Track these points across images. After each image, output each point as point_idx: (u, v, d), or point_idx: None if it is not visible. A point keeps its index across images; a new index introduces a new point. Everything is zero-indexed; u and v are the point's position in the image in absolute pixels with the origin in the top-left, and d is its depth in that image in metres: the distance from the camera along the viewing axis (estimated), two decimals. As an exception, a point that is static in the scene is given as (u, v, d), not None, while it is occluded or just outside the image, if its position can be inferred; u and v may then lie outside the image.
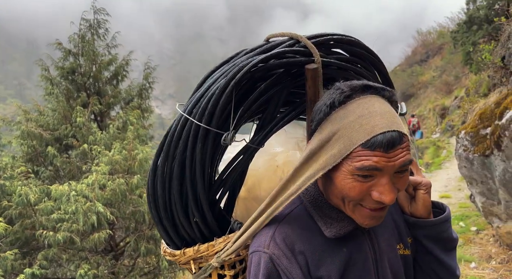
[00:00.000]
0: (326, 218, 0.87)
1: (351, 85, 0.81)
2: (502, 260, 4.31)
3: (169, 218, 1.02)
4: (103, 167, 4.73)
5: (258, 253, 0.86)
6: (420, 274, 1.00)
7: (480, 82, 9.71)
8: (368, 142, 0.74)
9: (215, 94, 0.91)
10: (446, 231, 0.95)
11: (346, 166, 0.77)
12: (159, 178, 0.99)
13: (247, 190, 1.15)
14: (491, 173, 4.27)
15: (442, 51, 21.65)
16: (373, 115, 0.76)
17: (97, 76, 6.12)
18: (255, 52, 0.96)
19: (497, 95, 4.41)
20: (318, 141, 0.81)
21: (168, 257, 1.09)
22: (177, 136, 0.95)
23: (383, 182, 0.76)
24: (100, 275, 4.36)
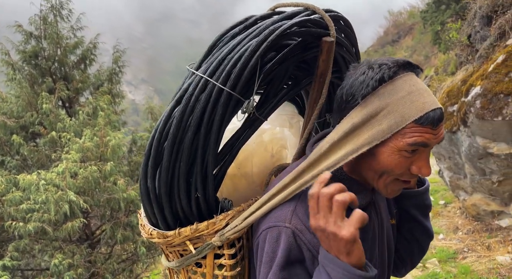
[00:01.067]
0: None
1: (396, 61, 0.81)
2: (468, 230, 4.55)
3: (167, 194, 0.93)
4: (74, 155, 4.58)
5: (277, 228, 0.84)
6: (400, 240, 1.08)
7: (448, 61, 9.97)
8: (421, 118, 0.75)
9: (244, 56, 0.83)
10: (428, 198, 1.04)
11: (395, 142, 0.77)
12: (167, 149, 0.88)
13: (237, 166, 1.10)
14: (457, 148, 4.44)
15: (413, 31, 22.02)
16: (421, 92, 0.77)
17: (62, 60, 5.84)
18: (278, 17, 0.90)
19: (463, 73, 4.54)
20: (363, 116, 0.79)
21: (156, 239, 0.99)
22: (194, 100, 0.85)
23: (424, 157, 0.79)
24: (76, 264, 4.29)
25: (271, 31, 0.85)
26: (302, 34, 0.92)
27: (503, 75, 3.52)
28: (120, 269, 5.64)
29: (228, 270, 0.99)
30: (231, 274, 0.99)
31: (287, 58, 0.93)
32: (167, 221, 0.97)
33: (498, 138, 3.67)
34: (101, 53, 7.03)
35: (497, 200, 4.29)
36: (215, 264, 0.99)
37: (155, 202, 0.95)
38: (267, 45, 0.84)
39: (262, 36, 0.84)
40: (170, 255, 1.06)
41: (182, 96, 0.87)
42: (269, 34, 0.84)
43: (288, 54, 0.93)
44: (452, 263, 4.05)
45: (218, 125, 0.86)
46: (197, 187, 0.91)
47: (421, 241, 1.06)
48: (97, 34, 6.72)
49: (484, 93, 3.62)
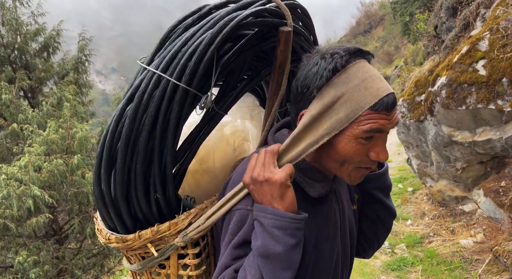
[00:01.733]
0: (308, 180, 0.88)
1: (346, 48, 0.80)
2: (434, 216, 4.73)
3: (123, 196, 0.88)
4: (38, 148, 4.39)
5: (240, 211, 0.83)
6: (365, 222, 1.10)
7: (417, 52, 10.23)
8: (376, 104, 0.76)
9: (198, 49, 0.79)
10: (388, 178, 1.06)
11: (351, 130, 0.78)
12: (121, 150, 0.83)
13: (199, 162, 1.07)
14: (425, 137, 4.58)
15: (384, 22, 22.42)
16: (374, 78, 0.78)
17: (23, 48, 5.55)
18: (233, 7, 0.85)
19: (430, 63, 4.66)
20: (320, 107, 0.79)
21: (115, 244, 0.94)
22: (147, 97, 0.80)
23: (381, 143, 0.80)
24: (42, 261, 4.14)
25: (226, 22, 0.81)
26: (259, 25, 0.88)
27: (467, 65, 3.62)
28: (91, 264, 5.52)
29: (193, 269, 0.97)
30: (196, 273, 0.97)
31: (244, 49, 0.90)
32: (125, 224, 0.92)
33: (462, 127, 3.81)
34: (66, 41, 6.72)
35: (460, 186, 4.47)
36: (179, 264, 0.96)
37: (111, 206, 0.90)
38: (222, 37, 0.80)
39: (216, 28, 0.80)
40: (132, 258, 1.01)
41: (133, 94, 0.82)
42: (224, 26, 0.80)
43: (245, 45, 0.90)
44: (419, 247, 4.20)
45: (175, 123, 0.82)
46: (156, 188, 0.87)
47: (385, 220, 1.09)
48: (61, 21, 6.41)
49: (449, 83, 3.72)
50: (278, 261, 0.75)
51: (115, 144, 0.84)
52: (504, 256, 3.11)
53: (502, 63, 3.32)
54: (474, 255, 3.66)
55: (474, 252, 3.69)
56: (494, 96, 3.36)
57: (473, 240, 3.87)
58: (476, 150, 3.79)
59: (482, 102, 3.43)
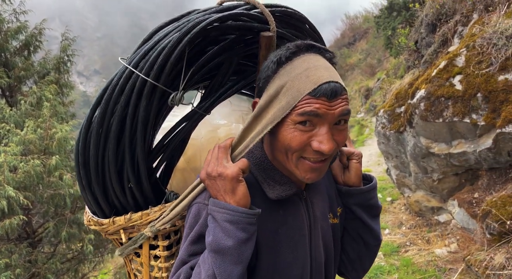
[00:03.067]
0: (269, 181, 0.89)
1: (297, 43, 0.83)
2: (411, 225, 4.83)
3: (99, 183, 0.92)
4: (14, 147, 4.26)
5: (198, 205, 0.86)
6: (347, 239, 1.08)
7: (398, 65, 10.51)
8: (315, 91, 0.77)
9: (166, 48, 0.83)
10: (373, 198, 1.03)
11: (290, 117, 0.79)
12: (94, 135, 0.87)
13: (186, 161, 1.10)
14: (404, 148, 4.69)
15: (368, 35, 22.95)
16: (318, 67, 0.79)
17: (3, 46, 5.40)
18: (211, 10, 0.89)
19: (410, 77, 4.80)
20: (267, 98, 0.82)
21: (93, 226, 1.01)
22: (118, 90, 0.85)
23: (323, 132, 0.79)
24: (14, 264, 4.00)
25: (195, 23, 0.85)
26: (239, 28, 0.91)
27: (444, 79, 3.76)
28: (65, 269, 5.36)
29: (162, 261, 1.00)
30: (166, 265, 1.00)
31: (224, 52, 0.94)
32: (102, 209, 0.98)
33: (439, 139, 3.93)
34: (48, 40, 6.60)
35: (437, 197, 4.60)
36: (150, 254, 1.00)
37: (88, 190, 0.94)
38: (190, 37, 0.84)
39: (185, 29, 0.84)
40: (115, 244, 1.07)
41: (108, 86, 0.87)
42: (192, 27, 0.84)
43: (225, 48, 0.93)
44: (396, 256, 4.28)
45: (143, 115, 0.86)
46: (129, 178, 0.91)
47: (367, 241, 1.05)
48: (43, 19, 6.29)
49: (427, 96, 3.85)
50: (229, 255, 0.75)
51: (91, 131, 0.89)
52: (476, 266, 3.21)
53: (477, 79, 3.46)
54: (448, 264, 3.76)
55: (448, 262, 3.79)
56: (469, 110, 3.49)
57: (447, 250, 3.97)
58: (452, 162, 3.91)
59: (458, 116, 3.56)
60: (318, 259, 0.95)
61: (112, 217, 0.96)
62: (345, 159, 1.02)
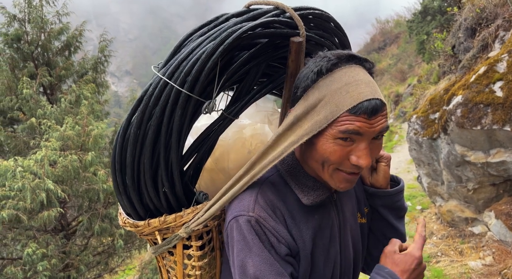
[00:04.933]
0: (303, 187, 0.90)
1: (338, 53, 0.83)
2: (442, 236, 4.68)
3: (135, 188, 0.96)
4: (54, 143, 4.46)
5: (243, 217, 0.86)
6: (372, 239, 1.09)
7: (431, 71, 10.24)
8: (355, 108, 0.77)
9: (201, 59, 0.84)
10: (400, 200, 1.04)
11: (330, 131, 0.79)
12: (130, 144, 0.91)
13: (214, 161, 1.13)
14: (437, 155, 4.57)
15: (399, 40, 22.49)
16: (359, 83, 0.78)
17: (46, 46, 5.68)
18: (243, 18, 0.90)
19: (446, 82, 4.67)
20: (304, 108, 0.82)
21: (129, 228, 1.04)
22: (154, 100, 0.87)
23: (362, 147, 0.79)
24: (50, 255, 4.18)
25: (229, 34, 0.85)
26: (268, 35, 0.92)
27: (483, 86, 3.64)
28: (95, 261, 5.54)
29: (196, 260, 1.04)
30: (199, 264, 1.03)
31: (254, 58, 0.95)
32: (137, 212, 1.01)
33: (475, 147, 3.80)
34: (86, 41, 6.88)
35: (471, 207, 4.44)
36: (184, 254, 1.03)
37: (124, 194, 0.98)
38: (224, 48, 0.84)
39: (218, 40, 0.85)
40: (149, 243, 1.11)
41: (143, 96, 0.90)
42: (226, 37, 0.85)
43: (256, 54, 0.94)
44: (426, 266, 4.16)
45: (178, 124, 0.88)
46: (163, 183, 0.94)
47: None
48: (83, 21, 6.57)
49: (465, 103, 3.73)
50: None
51: (127, 138, 0.92)
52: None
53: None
54: (482, 277, 3.61)
55: (483, 275, 3.65)
56: (510, 118, 3.36)
57: (482, 263, 3.82)
58: (489, 171, 3.77)
59: (498, 123, 3.43)
60: (347, 259, 0.97)
61: (147, 220, 0.99)
62: (373, 161, 1.02)
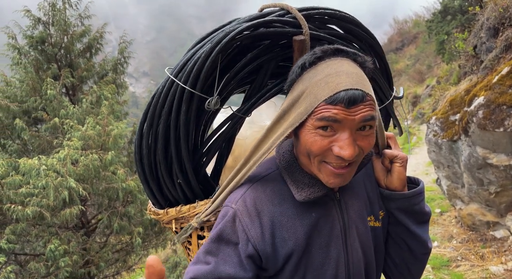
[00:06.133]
0: (298, 183, 0.89)
1: (324, 48, 0.83)
2: (463, 240, 4.59)
3: (154, 178, 1.03)
4: (76, 142, 4.59)
5: (226, 207, 0.90)
6: (392, 246, 1.04)
7: (451, 72, 10.04)
8: (331, 98, 0.76)
9: (200, 58, 0.91)
10: (418, 204, 0.97)
11: (310, 121, 0.79)
12: (145, 138, 0.99)
13: (234, 160, 1.17)
14: (457, 157, 4.48)
15: (417, 40, 22.12)
16: (339, 74, 0.78)
17: (69, 48, 5.85)
18: (244, 19, 0.95)
19: (467, 83, 4.58)
20: (289, 101, 0.84)
21: (152, 215, 1.12)
22: (163, 97, 0.96)
23: (343, 137, 0.78)
24: (71, 251, 4.30)
25: (225, 34, 0.91)
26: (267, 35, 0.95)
27: (507, 86, 3.55)
28: (114, 259, 5.66)
29: None
30: None
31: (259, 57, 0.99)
32: (158, 201, 1.09)
33: (498, 149, 3.71)
34: (106, 42, 7.04)
35: (493, 211, 4.33)
36: (199, 244, 1.08)
37: (145, 183, 1.06)
38: (221, 47, 0.90)
39: (216, 40, 0.91)
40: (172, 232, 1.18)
41: (155, 93, 0.98)
42: (222, 37, 0.90)
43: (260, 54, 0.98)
44: (445, 270, 4.09)
45: (185, 119, 0.95)
46: (177, 175, 1.00)
47: (413, 249, 1.00)
48: (104, 24, 6.73)
49: (487, 104, 3.65)
50: None
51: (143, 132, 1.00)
52: (538, 286, 2.99)
53: (545, 86, 3.24)
54: (505, 282, 3.53)
55: (505, 280, 3.56)
56: (534, 120, 3.27)
57: (504, 268, 3.73)
58: (512, 174, 3.68)
59: (522, 125, 3.35)
60: (355, 261, 0.93)
61: (166, 208, 1.07)
62: (387, 162, 0.98)
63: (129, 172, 5.49)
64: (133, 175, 5.33)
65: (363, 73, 0.82)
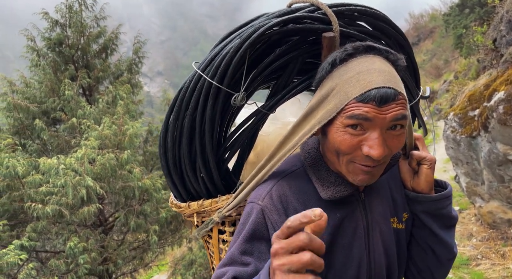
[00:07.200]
0: (324, 181, 0.88)
1: (355, 45, 0.81)
2: (483, 238, 4.48)
3: (177, 172, 1.04)
4: (93, 142, 4.67)
5: (252, 204, 0.89)
6: (416, 250, 1.02)
7: (469, 66, 9.80)
8: (362, 95, 0.75)
9: (229, 54, 0.91)
10: (446, 208, 0.95)
11: (340, 119, 0.78)
12: (170, 132, 1.00)
13: (256, 155, 1.17)
14: (476, 154, 4.37)
15: (434, 35, 21.67)
16: (371, 71, 0.77)
17: (85, 49, 5.95)
18: (274, 15, 0.94)
19: (486, 77, 4.46)
20: (318, 98, 0.83)
21: (174, 208, 1.13)
22: (190, 92, 0.96)
23: (373, 137, 0.76)
24: (90, 248, 4.38)
25: (255, 29, 0.90)
26: (296, 31, 0.93)
27: (529, 81, 3.45)
28: (131, 256, 5.75)
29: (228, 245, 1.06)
30: None
31: (287, 54, 0.97)
32: (181, 194, 1.10)
33: (519, 145, 3.61)
34: (122, 43, 7.14)
35: (514, 208, 4.22)
36: (219, 238, 1.08)
37: (169, 176, 1.07)
38: (250, 42, 0.89)
39: (245, 35, 0.90)
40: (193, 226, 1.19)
41: (182, 88, 0.98)
42: (252, 33, 0.90)
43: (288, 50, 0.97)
44: (465, 269, 4.00)
45: (211, 114, 0.95)
46: (200, 169, 1.01)
47: (438, 253, 0.98)
48: (119, 25, 6.82)
49: (507, 99, 3.55)
50: None
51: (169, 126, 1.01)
52: None
53: None
54: (527, 282, 3.44)
55: (527, 279, 3.47)
56: (558, 114, 3.17)
57: (526, 267, 3.63)
58: (535, 170, 3.57)
59: (545, 120, 3.24)
60: (377, 262, 0.93)
61: (188, 202, 1.07)
62: (414, 163, 0.96)
63: (145, 171, 5.57)
64: (149, 174, 5.40)
65: (395, 71, 0.81)
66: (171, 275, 7.03)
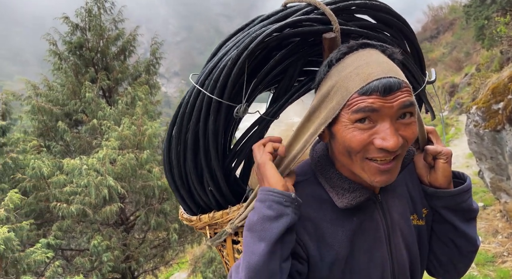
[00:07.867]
0: (338, 189, 0.86)
1: (349, 44, 0.81)
2: (509, 234, 4.36)
3: (185, 187, 1.02)
4: (113, 142, 4.78)
5: None
6: (437, 244, 1.00)
7: (492, 58, 9.51)
8: (363, 88, 0.73)
9: (227, 66, 0.87)
10: (466, 201, 0.92)
11: (345, 116, 0.76)
12: (174, 148, 0.97)
13: None
14: (501, 148, 4.25)
15: (454, 27, 21.12)
16: (370, 64, 0.75)
17: (104, 51, 6.09)
18: (270, 20, 0.91)
19: (511, 69, 4.32)
20: (319, 97, 0.81)
21: (185, 222, 1.11)
22: (190, 107, 0.93)
23: (384, 127, 0.74)
24: (113, 247, 4.49)
25: (252, 38, 0.86)
26: (295, 35, 0.90)
27: (556, 72, 3.32)
28: (152, 254, 5.85)
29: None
30: None
31: (287, 58, 0.94)
32: (190, 208, 1.08)
33: (547, 139, 3.48)
34: (139, 44, 7.26)
35: (542, 204, 4.08)
36: (234, 248, 1.07)
37: (177, 192, 1.06)
38: (248, 53, 0.85)
39: (243, 45, 0.86)
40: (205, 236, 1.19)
41: (181, 103, 0.96)
42: (249, 42, 0.85)
43: (287, 54, 0.93)
44: (490, 266, 3.90)
45: (213, 129, 0.92)
46: (208, 182, 0.99)
47: (459, 245, 0.96)
48: (137, 27, 6.93)
49: (534, 91, 3.43)
50: (253, 231, 0.77)
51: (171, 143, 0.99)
52: None
53: None
54: (557, 280, 3.32)
55: (557, 277, 3.35)
56: None
57: (556, 264, 3.51)
58: None
59: None
60: (400, 262, 0.91)
61: (199, 215, 1.05)
62: (430, 158, 0.93)
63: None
64: (168, 173, 5.47)
65: (393, 63, 0.79)
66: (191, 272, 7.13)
